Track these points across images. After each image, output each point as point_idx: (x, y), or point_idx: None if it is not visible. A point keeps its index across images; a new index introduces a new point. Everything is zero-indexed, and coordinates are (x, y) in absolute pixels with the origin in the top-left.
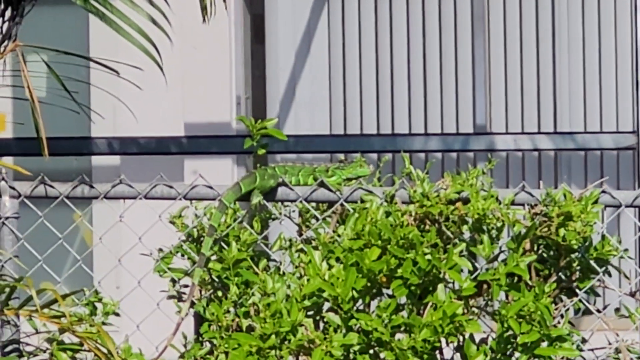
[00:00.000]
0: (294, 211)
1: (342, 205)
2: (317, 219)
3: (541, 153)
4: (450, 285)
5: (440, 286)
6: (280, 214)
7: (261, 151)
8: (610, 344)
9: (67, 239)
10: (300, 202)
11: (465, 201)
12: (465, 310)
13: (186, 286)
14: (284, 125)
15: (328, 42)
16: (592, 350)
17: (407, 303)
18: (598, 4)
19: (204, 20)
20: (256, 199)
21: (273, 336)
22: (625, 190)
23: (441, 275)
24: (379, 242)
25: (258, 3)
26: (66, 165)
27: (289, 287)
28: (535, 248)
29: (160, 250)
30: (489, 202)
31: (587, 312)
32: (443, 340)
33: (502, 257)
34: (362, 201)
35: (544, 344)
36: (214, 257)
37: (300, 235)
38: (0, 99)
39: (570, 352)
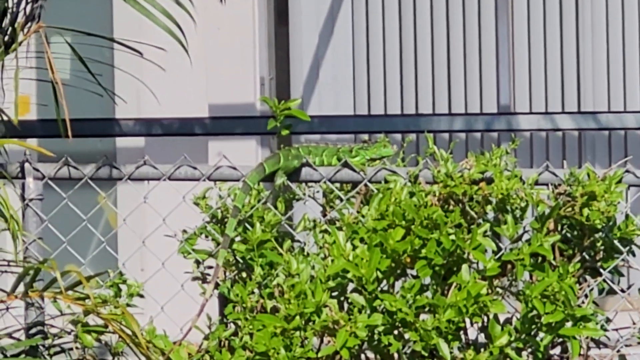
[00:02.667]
0: (317, 192)
1: (365, 185)
2: (341, 200)
3: (565, 133)
4: (475, 265)
5: (464, 266)
6: (304, 194)
7: (285, 132)
8: (634, 323)
9: (91, 220)
10: (324, 182)
11: (489, 181)
12: (490, 291)
13: (210, 267)
14: (307, 106)
15: (352, 23)
16: (616, 330)
17: (431, 283)
18: None
19: (221, 0)
20: (280, 179)
21: (297, 317)
22: None
23: (465, 256)
24: (403, 222)
25: None
26: (90, 147)
27: (313, 268)
28: (559, 228)
29: (185, 231)
30: (512, 182)
31: (611, 291)
32: (467, 320)
33: (526, 237)
34: (386, 181)
35: (568, 324)
36: (238, 238)
37: (324, 215)
38: (24, 80)
39: (594, 331)
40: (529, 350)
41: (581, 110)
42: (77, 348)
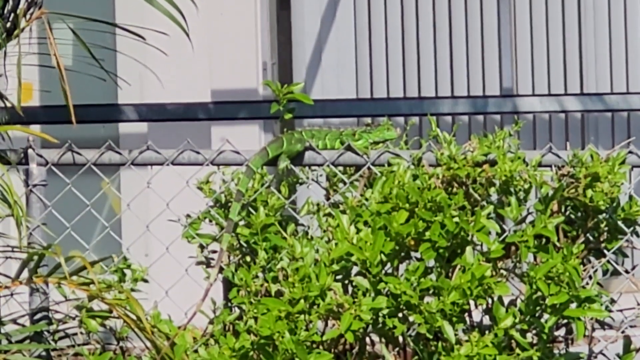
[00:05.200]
0: (321, 175)
1: (369, 168)
2: (345, 183)
3: (568, 115)
4: (479, 247)
5: (468, 249)
6: (307, 178)
7: (288, 116)
8: (639, 304)
9: (95, 206)
10: (328, 166)
11: (493, 163)
12: (494, 273)
13: (214, 252)
14: (310, 90)
15: (354, 6)
16: (620, 311)
17: (436, 266)
18: None
19: None
20: (283, 163)
21: (302, 301)
22: None
23: (469, 238)
24: (407, 205)
25: None
26: (93, 133)
27: (317, 251)
28: (563, 209)
29: (188, 216)
30: (516, 163)
31: (616, 272)
32: (472, 302)
33: (529, 219)
34: (390, 164)
35: (573, 305)
36: (242, 222)
37: (328, 199)
38: (26, 67)
39: (599, 312)
40: (534, 331)
41: (584, 92)
42: (81, 333)
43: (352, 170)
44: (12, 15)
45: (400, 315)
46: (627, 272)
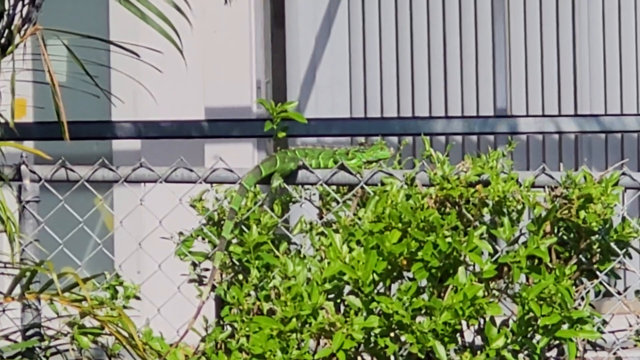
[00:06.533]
0: (314, 194)
1: (362, 188)
2: (338, 202)
3: (562, 136)
4: (471, 267)
5: (460, 269)
6: (300, 197)
7: (281, 134)
8: (631, 326)
9: (88, 223)
10: (321, 185)
11: (486, 184)
12: (486, 293)
13: (207, 270)
14: (304, 108)
15: (348, 25)
16: (612, 332)
17: (428, 286)
18: None
19: (225, 1)
20: (276, 182)
21: (294, 319)
22: None
23: (462, 258)
24: (400, 224)
25: None
26: (86, 150)
27: (309, 270)
28: (556, 230)
29: (181, 233)
30: (509, 184)
31: (608, 294)
32: (464, 322)
33: (522, 239)
34: (383, 184)
35: (565, 326)
36: (234, 241)
37: (321, 218)
38: (20, 83)
39: (591, 334)
40: (526, 352)
41: (578, 113)
42: (73, 350)
43: (345, 189)
44: (7, 31)
45: (392, 334)
46: (619, 293)
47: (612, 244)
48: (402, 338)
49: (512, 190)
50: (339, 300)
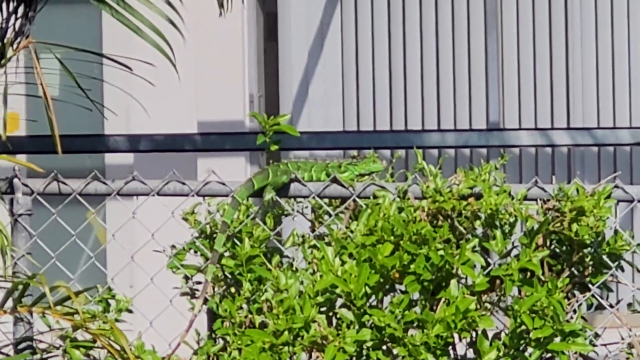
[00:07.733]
0: (306, 207)
1: (354, 201)
2: (330, 215)
3: (555, 148)
4: (463, 280)
5: (453, 282)
6: (292, 210)
7: (274, 147)
8: (623, 339)
9: (80, 236)
10: (313, 198)
11: (478, 196)
12: (478, 306)
13: (199, 283)
14: (297, 122)
15: (341, 39)
16: (605, 345)
17: (420, 299)
18: None
19: (220, 14)
20: (269, 195)
21: (286, 332)
22: (638, 185)
23: (454, 271)
24: (392, 237)
25: (271, 1)
26: (79, 164)
27: (301, 283)
28: (548, 243)
29: (173, 247)
30: (501, 197)
31: (600, 307)
32: (456, 335)
33: (514, 252)
34: (375, 197)
35: (557, 339)
36: (227, 254)
37: (313, 231)
38: (13, 96)
39: (583, 347)
40: None
41: (571, 126)
42: None
43: (337, 202)
44: None
45: (384, 347)
46: (611, 306)
47: (605, 257)
48: (395, 351)
49: (505, 203)
50: (331, 313)
